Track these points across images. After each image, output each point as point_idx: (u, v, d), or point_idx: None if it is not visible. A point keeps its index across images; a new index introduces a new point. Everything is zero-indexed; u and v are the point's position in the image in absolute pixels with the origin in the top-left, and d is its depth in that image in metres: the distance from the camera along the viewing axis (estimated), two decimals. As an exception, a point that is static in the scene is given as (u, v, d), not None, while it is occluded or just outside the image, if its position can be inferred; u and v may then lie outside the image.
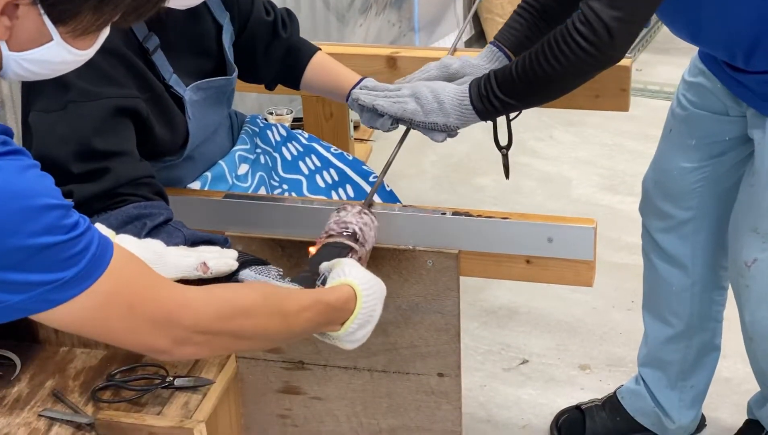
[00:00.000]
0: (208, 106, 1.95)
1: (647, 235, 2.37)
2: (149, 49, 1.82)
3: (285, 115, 3.14)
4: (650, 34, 5.10)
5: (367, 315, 1.54)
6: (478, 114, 1.90)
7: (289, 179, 2.18)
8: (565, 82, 1.86)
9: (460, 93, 1.90)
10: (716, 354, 2.45)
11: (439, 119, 1.91)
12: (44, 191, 1.18)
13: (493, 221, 1.84)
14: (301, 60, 2.15)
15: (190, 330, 1.31)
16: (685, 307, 2.35)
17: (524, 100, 1.90)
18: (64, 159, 1.66)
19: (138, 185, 1.69)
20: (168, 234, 1.63)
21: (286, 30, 2.14)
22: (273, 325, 1.42)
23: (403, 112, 1.93)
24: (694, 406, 2.48)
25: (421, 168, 3.98)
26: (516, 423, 2.66)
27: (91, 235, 1.21)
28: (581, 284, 1.85)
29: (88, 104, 1.69)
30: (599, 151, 4.10)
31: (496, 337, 3.01)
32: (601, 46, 1.77)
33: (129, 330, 1.28)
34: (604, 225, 2.65)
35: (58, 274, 1.18)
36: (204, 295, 1.35)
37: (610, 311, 3.09)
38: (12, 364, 1.69)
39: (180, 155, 1.93)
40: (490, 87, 1.87)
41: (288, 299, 1.46)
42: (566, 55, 1.78)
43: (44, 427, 1.56)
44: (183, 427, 1.50)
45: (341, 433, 2.06)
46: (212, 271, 1.56)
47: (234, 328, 1.37)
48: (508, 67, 1.88)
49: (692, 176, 2.22)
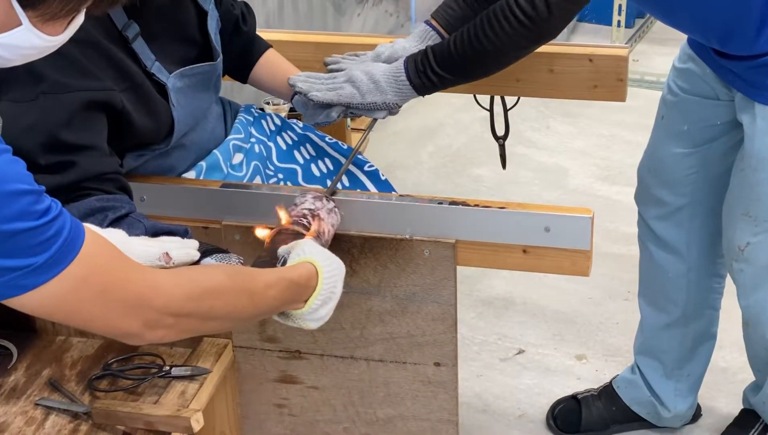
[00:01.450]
0: (194, 93, 1.95)
1: (643, 222, 2.37)
2: (129, 37, 1.81)
3: (282, 105, 3.13)
4: (647, 25, 5.09)
5: (328, 291, 1.56)
6: (416, 89, 1.92)
7: (284, 169, 2.18)
8: (502, 56, 1.89)
9: (395, 70, 1.93)
10: (712, 342, 2.46)
11: (377, 98, 1.93)
12: (15, 177, 1.18)
13: (491, 211, 1.84)
14: (253, 55, 2.17)
15: (161, 312, 1.32)
16: (681, 293, 2.36)
17: (461, 74, 1.92)
18: (32, 150, 1.65)
19: (103, 180, 1.69)
20: (129, 225, 1.63)
21: (246, 24, 2.16)
22: (240, 304, 1.44)
23: (339, 97, 1.94)
24: (690, 394, 2.49)
25: (418, 159, 3.98)
26: (512, 413, 2.67)
27: (63, 221, 1.22)
28: (578, 274, 1.85)
29: (60, 96, 1.68)
30: (596, 141, 4.10)
31: (493, 328, 3.01)
32: (538, 21, 1.81)
33: (101, 314, 1.29)
34: (601, 215, 2.65)
35: (29, 260, 1.18)
36: (173, 278, 1.36)
37: (606, 301, 3.09)
38: (8, 353, 1.70)
39: (167, 143, 1.92)
40: (427, 62, 1.90)
41: (253, 278, 1.48)
42: (504, 29, 1.82)
43: (41, 416, 1.56)
44: (180, 416, 1.50)
45: (338, 423, 2.06)
46: (174, 260, 1.57)
47: (204, 309, 1.38)
48: (445, 42, 1.91)
49: (686, 162, 2.23)
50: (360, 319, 1.93)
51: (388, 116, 1.98)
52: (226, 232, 1.90)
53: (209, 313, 1.39)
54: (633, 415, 2.55)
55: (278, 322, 1.58)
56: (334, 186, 1.90)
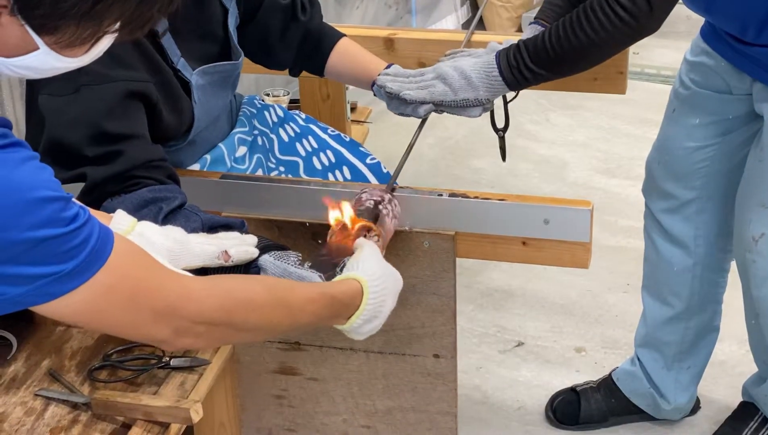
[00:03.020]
0: (213, 91, 1.94)
1: (650, 215, 2.37)
2: (158, 32, 1.81)
3: (282, 96, 3.13)
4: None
5: (374, 311, 1.52)
6: (508, 85, 1.88)
7: (286, 161, 2.18)
8: (598, 52, 1.85)
9: (486, 65, 1.88)
10: (714, 336, 2.46)
11: (469, 94, 1.90)
12: (43, 184, 1.17)
13: (490, 203, 1.84)
14: (324, 46, 2.10)
15: (191, 320, 1.31)
16: (685, 287, 2.36)
17: (555, 70, 1.88)
18: (78, 142, 1.66)
19: (151, 168, 1.69)
20: (186, 218, 1.63)
21: (305, 14, 2.09)
22: (277, 318, 1.41)
23: (432, 95, 1.91)
24: (690, 387, 2.49)
25: (418, 150, 3.95)
26: (511, 405, 2.67)
27: (91, 227, 1.20)
28: (577, 266, 1.85)
29: (101, 87, 1.68)
30: (596, 134, 4.10)
31: (492, 320, 3.01)
32: (639, 17, 1.77)
33: (130, 321, 1.27)
34: (600, 208, 2.66)
35: (57, 267, 1.17)
36: (206, 286, 1.34)
37: (605, 294, 3.09)
38: (8, 343, 1.69)
39: (184, 140, 1.93)
40: (520, 57, 1.86)
41: (293, 292, 1.44)
42: (603, 24, 1.78)
43: (40, 406, 1.57)
44: (179, 407, 1.50)
45: (337, 414, 2.07)
46: (233, 259, 1.56)
47: (236, 320, 1.36)
48: (539, 37, 1.86)
49: (697, 156, 2.23)
50: (359, 310, 1.93)
51: (482, 114, 1.94)
52: (225, 223, 1.90)
53: (243, 325, 1.37)
54: (632, 408, 2.55)
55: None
56: (393, 181, 1.87)
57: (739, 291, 2.29)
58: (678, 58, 2.27)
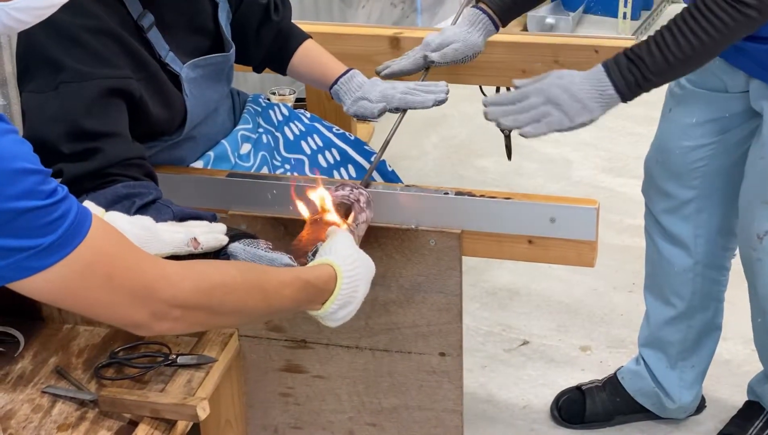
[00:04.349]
0: (206, 84, 1.95)
1: (650, 215, 2.37)
2: (144, 26, 1.82)
3: (288, 96, 3.14)
4: (653, 17, 5.09)
5: (347, 296, 1.52)
6: (623, 99, 1.84)
7: (291, 159, 2.18)
8: (719, 49, 1.81)
9: (597, 82, 1.83)
10: (717, 333, 2.46)
11: (584, 118, 1.84)
12: (22, 156, 1.17)
13: (496, 201, 1.84)
14: (290, 45, 2.14)
15: (168, 303, 1.31)
16: (686, 287, 2.36)
17: (675, 76, 1.86)
18: (55, 139, 1.66)
19: (128, 166, 1.70)
20: (157, 211, 1.63)
21: (278, 13, 2.13)
22: (252, 301, 1.41)
23: (549, 126, 1.83)
24: (695, 386, 2.49)
25: (423, 149, 3.98)
26: (516, 403, 2.67)
27: (69, 203, 1.21)
28: (583, 264, 1.85)
29: (80, 85, 1.69)
30: (601, 133, 4.09)
31: (497, 318, 3.01)
32: (763, 8, 1.74)
33: (107, 301, 1.27)
34: (605, 207, 2.64)
35: (36, 241, 1.17)
36: (183, 269, 1.34)
37: (610, 293, 3.09)
38: (15, 341, 1.70)
39: (179, 133, 1.93)
40: (637, 70, 1.80)
41: (267, 275, 1.45)
42: (726, 23, 1.75)
43: (47, 403, 1.57)
44: (186, 404, 1.50)
45: (343, 412, 2.07)
46: (203, 245, 1.57)
47: (212, 303, 1.36)
48: (651, 47, 1.80)
49: (695, 154, 2.23)
50: (365, 308, 1.93)
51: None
52: (232, 221, 1.90)
53: (219, 308, 1.37)
54: (637, 407, 2.55)
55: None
56: (369, 177, 1.89)
57: (743, 290, 2.29)
58: (683, 57, 2.26)
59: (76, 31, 1.71)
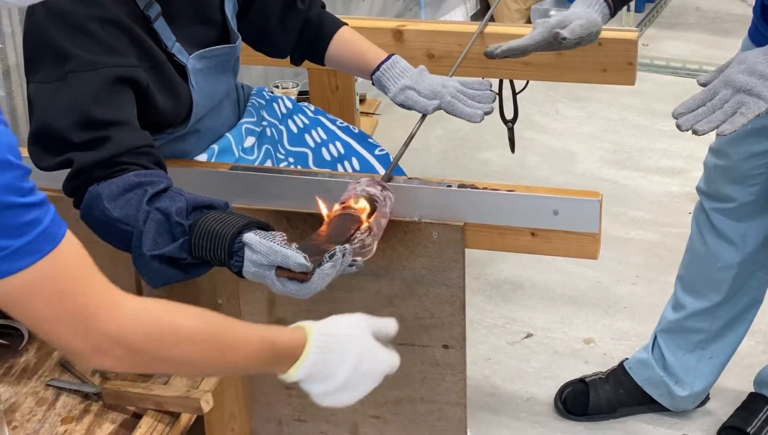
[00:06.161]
0: (212, 75, 1.95)
1: (702, 211, 2.36)
2: (151, 17, 1.81)
3: (291, 88, 3.13)
4: (657, 9, 5.08)
5: (320, 368, 1.39)
6: None
7: (294, 152, 2.18)
8: None
9: None
10: (743, 329, 2.45)
11: None
12: (6, 148, 1.11)
13: (499, 194, 1.84)
14: (324, 34, 2.10)
15: (109, 339, 1.21)
16: (726, 283, 2.35)
17: None
18: (65, 128, 1.66)
19: (138, 154, 1.70)
20: (170, 199, 1.63)
21: (304, 3, 2.10)
22: (206, 354, 1.30)
23: (746, 116, 1.70)
24: (709, 377, 2.48)
25: (426, 142, 3.98)
26: (520, 396, 2.68)
27: (46, 209, 1.15)
28: (586, 257, 1.85)
29: (88, 74, 1.69)
30: (605, 125, 4.09)
31: (501, 311, 3.02)
32: None
33: (50, 319, 1.18)
34: (609, 200, 2.65)
35: (7, 241, 1.11)
36: (137, 308, 1.24)
37: (614, 285, 3.09)
38: (19, 334, 1.70)
39: (184, 126, 1.93)
40: None
41: (230, 331, 1.33)
42: None
43: (52, 396, 1.57)
44: (190, 397, 1.51)
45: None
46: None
47: (160, 351, 1.26)
48: None
49: (754, 161, 2.22)
50: (368, 301, 1.93)
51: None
52: (235, 214, 1.90)
53: (167, 357, 1.27)
54: (641, 398, 2.55)
55: (288, 304, 1.57)
56: (390, 172, 1.85)
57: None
58: (686, 49, 2.26)
59: (83, 20, 1.70)
